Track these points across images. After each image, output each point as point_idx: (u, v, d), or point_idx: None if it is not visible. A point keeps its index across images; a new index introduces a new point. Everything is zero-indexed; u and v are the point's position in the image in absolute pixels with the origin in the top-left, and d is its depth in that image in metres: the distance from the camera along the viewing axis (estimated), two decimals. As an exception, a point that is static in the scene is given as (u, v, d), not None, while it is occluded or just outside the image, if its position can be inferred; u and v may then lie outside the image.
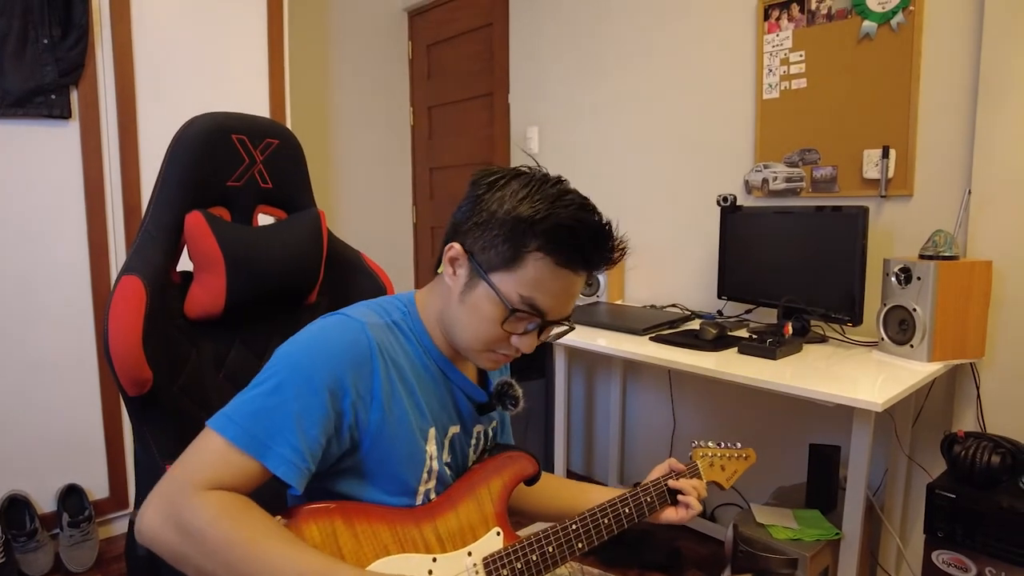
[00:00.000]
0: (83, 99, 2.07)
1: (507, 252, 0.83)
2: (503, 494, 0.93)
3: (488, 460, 0.95)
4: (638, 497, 1.01)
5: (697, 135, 2.30)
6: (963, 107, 1.70)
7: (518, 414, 1.00)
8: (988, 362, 1.66)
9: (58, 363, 2.12)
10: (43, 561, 2.04)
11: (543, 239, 0.82)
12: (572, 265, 0.83)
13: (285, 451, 0.75)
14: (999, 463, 1.45)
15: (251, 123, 1.12)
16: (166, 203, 1.04)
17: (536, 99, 2.86)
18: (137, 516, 0.73)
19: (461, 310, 0.87)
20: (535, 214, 0.81)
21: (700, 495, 1.06)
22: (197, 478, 0.73)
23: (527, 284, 0.83)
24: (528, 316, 0.85)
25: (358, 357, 0.82)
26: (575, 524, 0.95)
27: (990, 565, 1.44)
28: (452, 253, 0.87)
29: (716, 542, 2.28)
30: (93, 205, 2.13)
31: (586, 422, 2.83)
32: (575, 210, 0.83)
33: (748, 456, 1.18)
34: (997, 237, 1.63)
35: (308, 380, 0.78)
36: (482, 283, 0.85)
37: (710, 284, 2.24)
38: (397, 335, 0.88)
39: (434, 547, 0.85)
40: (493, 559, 0.88)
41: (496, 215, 0.84)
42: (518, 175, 0.86)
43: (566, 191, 0.85)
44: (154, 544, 0.73)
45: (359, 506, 0.83)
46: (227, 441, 0.75)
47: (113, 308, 0.93)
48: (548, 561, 0.91)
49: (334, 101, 3.33)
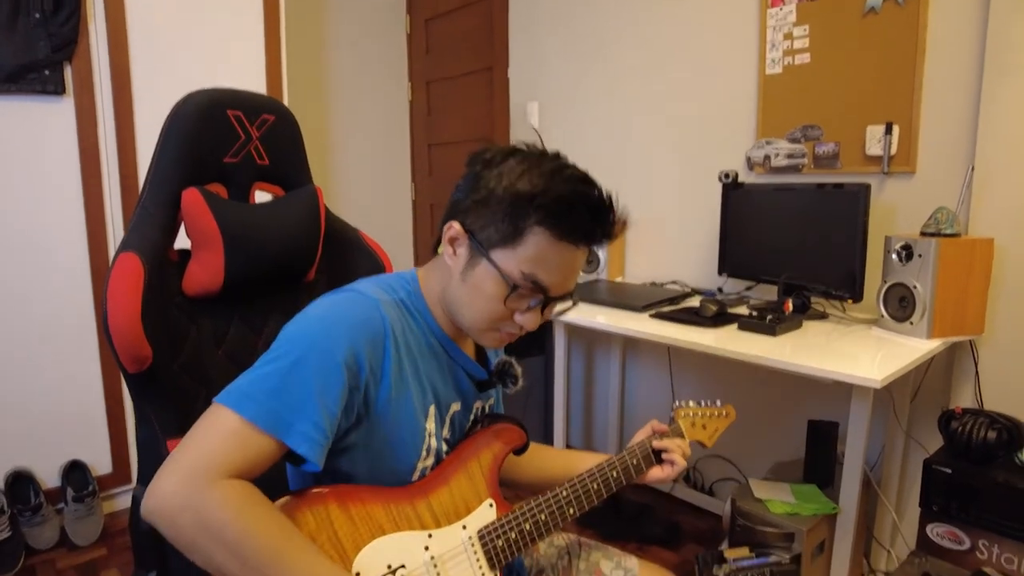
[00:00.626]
0: (77, 75, 2.05)
1: (507, 229, 0.82)
2: (494, 466, 0.93)
3: (478, 433, 0.96)
4: (624, 460, 1.03)
5: (699, 111, 2.28)
6: (968, 83, 1.68)
7: (518, 391, 1.01)
8: (987, 339, 1.66)
9: (58, 340, 2.12)
10: (49, 535, 2.07)
11: (543, 214, 0.81)
12: (573, 239, 0.83)
13: (307, 428, 0.75)
14: (995, 439, 1.46)
15: (247, 99, 1.11)
16: (163, 180, 1.03)
17: (536, 74, 2.83)
18: (147, 494, 0.71)
19: (463, 289, 0.87)
20: (534, 189, 0.81)
21: (684, 453, 1.07)
22: (219, 462, 0.71)
23: (528, 260, 0.83)
24: (530, 292, 0.85)
25: (373, 334, 0.82)
26: (565, 491, 0.96)
27: (983, 538, 1.45)
28: (452, 232, 0.87)
29: (714, 516, 2.30)
30: (89, 182, 2.11)
31: (585, 399, 2.84)
32: (574, 183, 0.82)
33: (728, 414, 1.19)
34: (999, 214, 1.62)
35: (328, 356, 0.77)
36: (483, 261, 0.84)
37: (711, 261, 2.23)
38: (404, 313, 0.89)
39: (429, 523, 0.86)
40: (487, 530, 0.90)
41: (495, 192, 0.83)
42: (515, 152, 0.86)
43: (564, 165, 0.84)
44: (167, 528, 0.71)
45: (352, 489, 0.83)
46: (244, 420, 0.73)
47: (111, 286, 0.93)
48: (541, 529, 0.93)
49: (331, 77, 3.30)
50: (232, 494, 0.71)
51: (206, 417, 0.75)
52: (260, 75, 2.40)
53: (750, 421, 2.24)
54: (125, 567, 1.99)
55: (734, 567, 1.45)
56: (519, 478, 1.11)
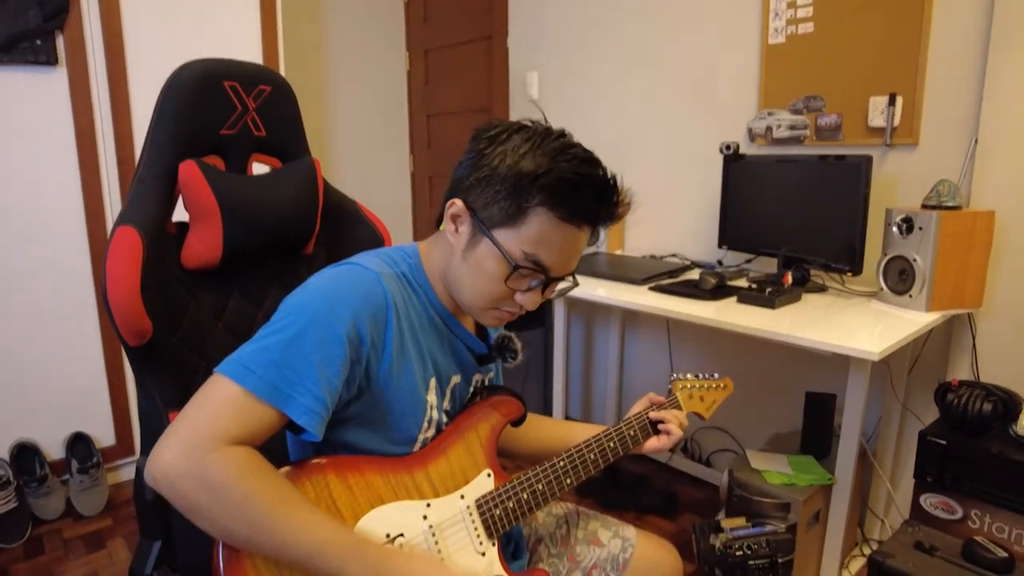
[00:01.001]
0: (69, 44, 2.02)
1: (509, 208, 0.82)
2: (492, 436, 0.94)
3: (476, 404, 0.96)
4: (621, 431, 1.04)
5: (701, 81, 2.25)
6: (974, 54, 1.66)
7: (517, 364, 1.02)
8: (985, 312, 1.66)
9: (58, 314, 2.13)
10: (55, 505, 2.10)
11: (546, 194, 0.81)
12: (576, 220, 0.83)
13: (307, 400, 0.75)
14: (991, 411, 1.47)
15: (243, 69, 1.09)
16: (159, 152, 1.02)
17: (536, 43, 2.79)
18: (150, 462, 0.71)
19: (464, 268, 0.87)
20: (538, 168, 0.80)
21: (681, 424, 1.08)
22: (218, 430, 0.72)
23: (530, 240, 0.82)
24: (532, 273, 0.85)
25: (375, 307, 0.82)
26: (562, 461, 0.97)
27: (976, 508, 1.48)
28: (454, 210, 0.87)
29: (711, 487, 2.33)
30: (85, 153, 2.10)
31: (585, 371, 2.86)
32: (578, 164, 0.82)
33: (726, 386, 1.20)
34: (1002, 187, 1.61)
35: (329, 329, 0.77)
36: (485, 240, 0.84)
37: (711, 234, 2.23)
38: (405, 287, 0.89)
39: (427, 493, 0.87)
40: (485, 500, 0.91)
41: (498, 170, 0.83)
42: (520, 129, 0.85)
43: (570, 144, 0.83)
44: (171, 493, 0.72)
45: (351, 459, 0.84)
46: (245, 391, 0.74)
47: (110, 260, 0.92)
48: (539, 498, 0.94)
49: (328, 46, 3.25)
50: (234, 459, 0.72)
51: (207, 387, 0.75)
52: (256, 45, 2.36)
53: (748, 393, 2.26)
54: (131, 536, 2.03)
55: (731, 536, 1.47)
56: (517, 449, 1.13)
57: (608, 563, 1.10)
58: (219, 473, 0.71)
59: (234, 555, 0.74)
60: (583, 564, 1.10)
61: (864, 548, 1.89)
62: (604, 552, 1.11)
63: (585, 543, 1.13)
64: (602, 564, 1.10)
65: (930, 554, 1.40)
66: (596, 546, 1.12)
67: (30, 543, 2.00)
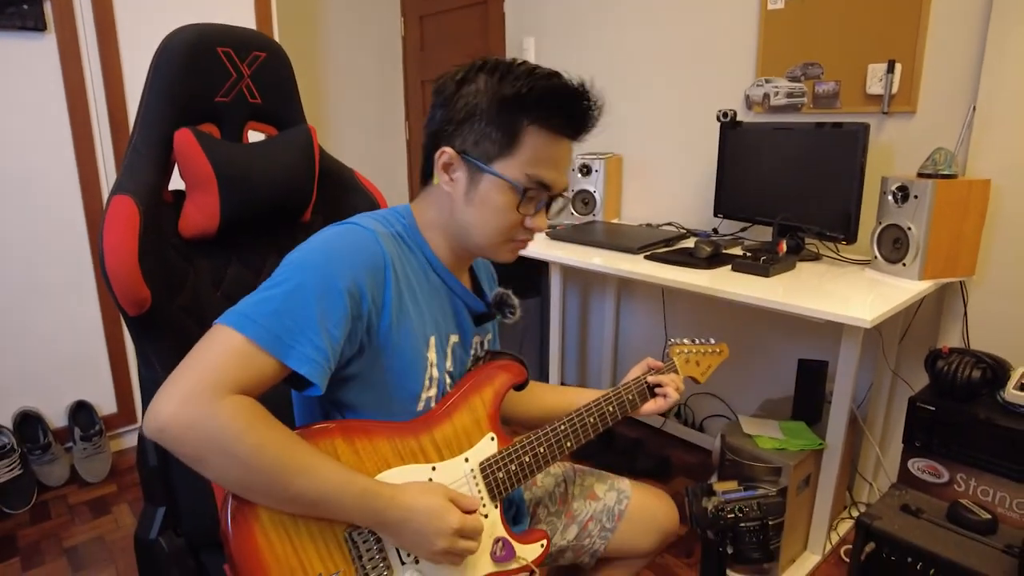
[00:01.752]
0: (57, 9, 1.98)
1: (502, 137, 0.85)
2: (495, 400, 0.96)
3: (480, 368, 0.98)
4: (620, 395, 1.06)
5: (699, 48, 2.22)
6: (975, 19, 1.64)
7: (515, 328, 1.03)
8: (978, 280, 1.68)
9: (57, 283, 2.13)
10: (59, 472, 2.13)
11: (534, 111, 0.84)
12: (564, 130, 0.87)
13: (308, 350, 0.76)
14: (979, 377, 1.50)
15: (237, 35, 1.08)
16: (153, 120, 1.02)
17: (533, 9, 2.74)
18: (152, 414, 0.70)
19: (469, 210, 0.88)
20: (519, 90, 0.83)
21: (678, 388, 1.11)
22: (223, 378, 0.72)
23: (530, 161, 0.86)
24: (538, 193, 0.88)
25: (374, 264, 0.83)
26: (563, 425, 1.00)
27: (961, 472, 1.51)
28: (445, 158, 0.88)
29: (704, 451, 2.38)
30: (78, 121, 2.07)
31: (580, 339, 2.88)
32: (552, 78, 0.85)
33: (722, 351, 1.22)
34: (998, 155, 1.61)
35: (329, 281, 0.78)
36: (485, 176, 0.86)
37: (707, 202, 2.23)
38: (402, 245, 0.90)
39: (432, 456, 0.89)
40: (489, 463, 0.93)
41: (479, 106, 0.85)
42: (481, 66, 0.87)
43: (534, 66, 0.87)
44: (175, 443, 0.71)
45: (358, 423, 0.85)
46: (247, 339, 0.73)
47: (107, 229, 0.92)
48: (540, 461, 0.96)
49: (322, 12, 3.19)
50: (241, 407, 0.72)
51: (207, 338, 0.75)
52: (249, 10, 2.32)
53: (742, 360, 2.28)
54: (135, 503, 2.06)
55: (722, 499, 1.50)
56: (517, 415, 1.14)
57: (604, 515, 1.13)
58: (229, 421, 0.70)
59: (241, 512, 0.76)
60: (579, 518, 1.13)
61: (852, 511, 1.94)
62: (600, 505, 1.14)
63: (582, 498, 1.15)
64: (598, 516, 1.13)
65: (916, 516, 1.44)
66: (592, 500, 1.15)
67: (36, 509, 2.03)
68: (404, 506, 0.80)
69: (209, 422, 0.70)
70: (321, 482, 0.75)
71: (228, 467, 0.72)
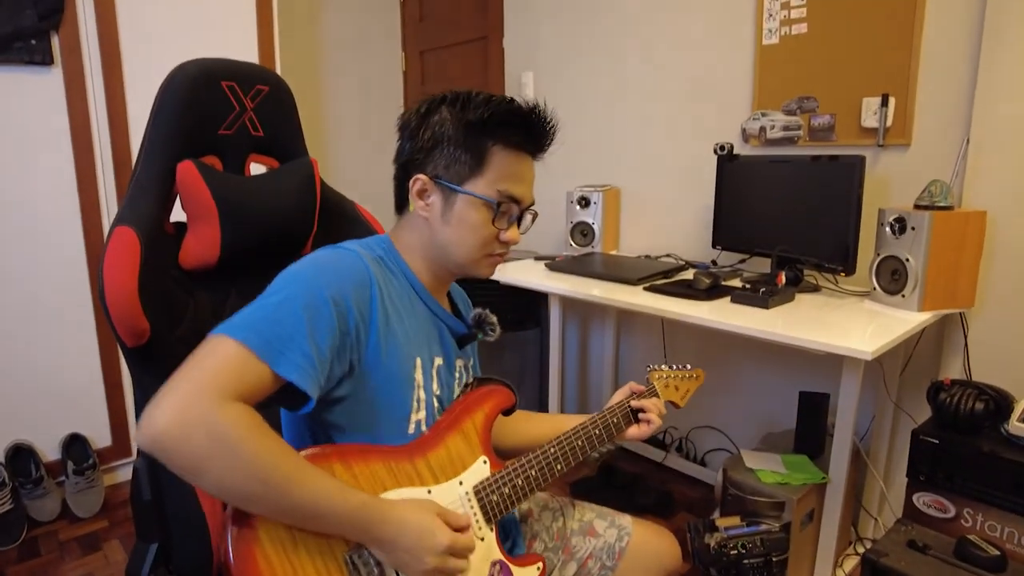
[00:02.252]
0: (64, 44, 2.02)
1: (470, 159, 0.92)
2: (486, 424, 0.98)
3: (469, 393, 1.00)
4: (605, 419, 1.10)
5: (695, 82, 2.26)
6: (966, 54, 1.67)
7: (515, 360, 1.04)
8: (977, 311, 1.68)
9: (55, 314, 2.12)
10: (50, 507, 2.09)
11: (498, 132, 0.91)
12: (526, 147, 0.94)
13: (296, 357, 0.77)
14: (982, 410, 1.49)
15: (241, 69, 1.09)
16: (156, 153, 1.03)
17: (531, 44, 2.80)
18: (147, 423, 0.69)
19: (447, 230, 0.94)
20: (483, 115, 0.91)
21: (660, 412, 1.14)
22: (220, 384, 0.72)
23: (498, 178, 0.92)
24: (509, 207, 0.95)
25: (360, 280, 0.86)
26: (552, 448, 1.02)
27: (968, 507, 1.49)
28: (419, 185, 0.93)
29: (706, 486, 2.34)
30: (81, 153, 2.09)
31: (580, 371, 2.87)
32: (510, 102, 0.93)
33: (698, 376, 1.26)
34: (993, 187, 1.63)
35: (316, 293, 0.81)
36: (459, 196, 0.92)
37: (705, 234, 2.24)
38: (384, 269, 0.93)
39: (428, 479, 0.89)
40: (483, 486, 0.94)
41: (446, 134, 0.92)
42: (441, 99, 0.95)
43: (490, 94, 0.94)
44: (173, 451, 0.69)
45: (354, 447, 0.86)
46: (241, 345, 0.74)
47: (107, 260, 0.92)
48: (532, 484, 0.98)
49: (324, 46, 3.25)
50: (242, 413, 0.72)
51: (202, 348, 0.76)
52: (252, 44, 2.36)
53: (742, 392, 2.27)
54: (127, 538, 2.02)
55: (725, 535, 1.48)
56: (507, 442, 1.14)
57: (604, 552, 1.11)
58: (229, 427, 0.70)
59: (243, 539, 0.75)
60: (578, 555, 1.11)
61: (858, 547, 1.90)
62: (600, 542, 1.12)
63: (581, 534, 1.14)
64: (597, 554, 1.11)
65: (923, 552, 1.41)
66: (592, 536, 1.13)
67: (25, 545, 1.99)
68: (396, 521, 0.80)
69: (210, 427, 0.70)
70: (320, 492, 0.75)
71: (226, 475, 0.71)
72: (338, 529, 0.78)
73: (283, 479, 0.73)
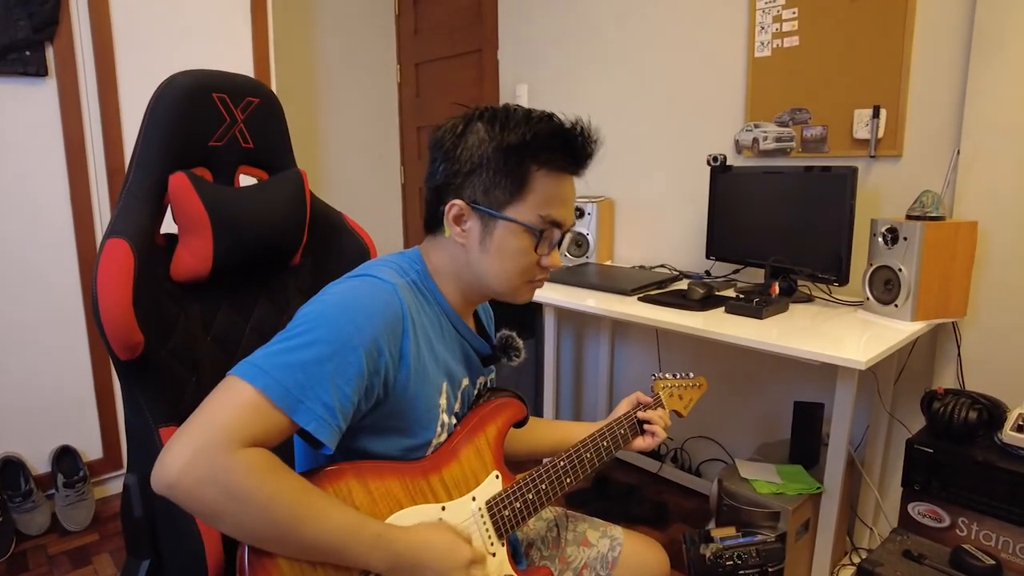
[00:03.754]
0: (59, 56, 2.02)
1: (511, 184, 0.86)
2: (498, 439, 0.97)
3: (482, 406, 0.99)
4: (613, 430, 1.10)
5: (688, 94, 2.27)
6: (955, 67, 1.69)
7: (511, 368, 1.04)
8: (969, 321, 1.68)
9: (46, 326, 2.11)
10: (40, 521, 2.07)
11: (541, 155, 0.86)
12: (569, 168, 0.89)
13: (316, 407, 0.75)
14: (976, 419, 1.49)
15: (232, 81, 1.09)
16: (148, 164, 1.02)
17: (526, 56, 2.81)
18: (161, 469, 0.69)
19: (486, 258, 0.89)
20: (524, 136, 0.85)
21: (665, 424, 1.14)
22: (234, 432, 0.71)
23: (541, 203, 0.88)
24: (551, 232, 0.90)
25: (392, 319, 0.83)
26: (562, 461, 1.01)
27: (963, 516, 1.49)
28: (455, 211, 0.89)
29: (701, 496, 2.34)
30: (75, 165, 2.09)
31: (575, 381, 2.86)
32: (550, 121, 0.88)
33: (701, 385, 1.26)
34: (983, 198, 1.64)
35: (346, 339, 0.77)
36: (500, 223, 0.88)
37: (699, 245, 2.24)
38: (417, 295, 0.90)
39: (442, 496, 0.89)
40: (495, 501, 0.93)
41: (486, 156, 0.86)
42: (475, 116, 0.89)
43: (527, 110, 0.89)
44: (187, 499, 0.70)
45: (370, 465, 0.85)
46: (258, 391, 0.73)
47: (101, 273, 0.92)
48: (543, 498, 0.97)
49: (319, 58, 3.26)
50: (255, 460, 0.71)
51: (220, 389, 0.75)
52: (247, 56, 2.37)
53: (737, 403, 2.26)
54: (117, 552, 2.00)
55: (721, 546, 1.47)
56: (516, 451, 1.15)
57: (598, 562, 1.12)
58: (242, 476, 0.70)
59: (258, 560, 0.75)
60: (574, 565, 1.12)
61: (853, 557, 1.90)
62: (593, 552, 1.13)
63: (575, 544, 1.14)
64: (592, 563, 1.12)
65: (919, 562, 1.41)
66: (585, 547, 1.14)
67: (14, 559, 1.97)
68: (417, 546, 0.80)
69: (222, 476, 0.69)
70: (334, 530, 0.75)
71: (243, 521, 0.71)
72: (360, 563, 0.77)
73: (296, 521, 0.72)
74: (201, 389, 1.03)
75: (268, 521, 0.71)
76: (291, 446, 0.96)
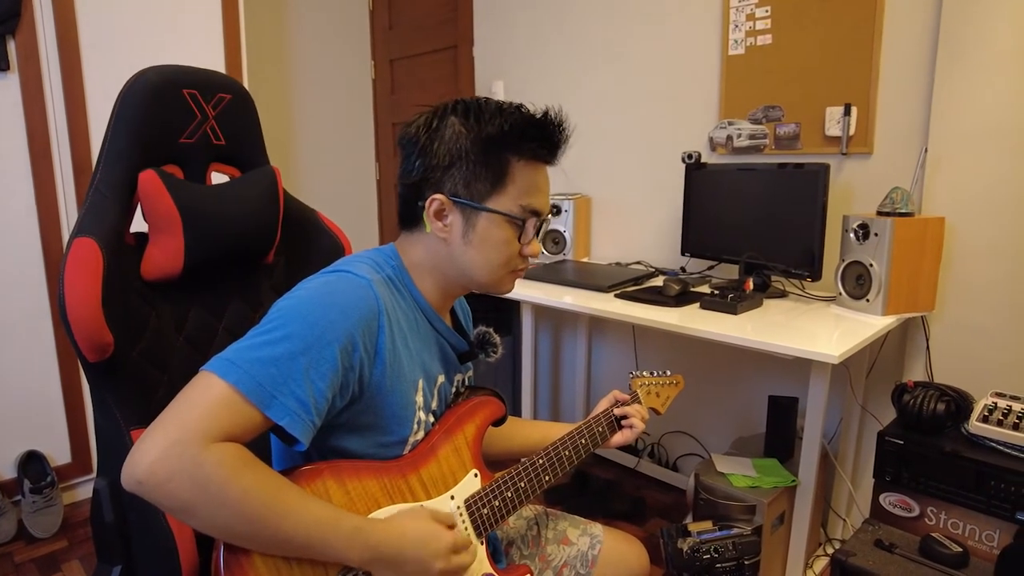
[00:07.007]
0: (21, 49, 1.96)
1: (491, 176, 0.87)
2: (477, 437, 0.97)
3: (461, 404, 0.98)
4: (591, 428, 1.10)
5: (663, 92, 2.29)
6: (923, 67, 1.72)
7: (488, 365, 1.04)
8: (938, 315, 1.72)
9: (11, 328, 2.05)
10: (5, 528, 2.02)
11: (519, 145, 0.87)
12: (546, 157, 0.91)
13: (290, 402, 0.74)
14: (944, 411, 1.52)
15: (202, 77, 1.07)
16: (116, 161, 1.00)
17: (501, 53, 2.80)
18: (133, 464, 0.68)
19: (469, 251, 0.90)
20: (501, 127, 0.86)
21: (643, 418, 1.15)
22: (207, 427, 0.70)
23: (521, 192, 0.89)
24: (531, 221, 0.91)
25: (367, 315, 0.82)
26: (541, 459, 1.01)
27: (932, 505, 1.52)
28: (436, 205, 0.88)
29: (678, 491, 2.36)
30: (39, 162, 2.03)
31: (553, 378, 2.87)
32: (522, 111, 0.89)
33: (678, 382, 1.27)
34: (950, 194, 1.67)
35: (320, 335, 0.76)
36: (482, 215, 0.88)
37: (674, 241, 2.26)
38: (392, 290, 0.89)
39: (420, 495, 0.89)
40: (474, 499, 0.93)
41: (464, 149, 0.87)
42: (451, 110, 0.89)
43: (498, 102, 0.90)
44: (159, 494, 0.69)
45: (347, 464, 0.84)
46: (230, 386, 0.72)
47: (68, 273, 0.89)
48: (521, 496, 0.97)
49: (292, 54, 3.21)
50: (227, 454, 0.70)
51: (192, 384, 0.74)
52: (219, 52, 2.32)
53: (713, 397, 2.29)
54: (87, 559, 1.96)
55: (698, 540, 1.49)
56: (495, 450, 1.14)
57: (578, 560, 1.12)
58: (215, 470, 0.69)
59: (235, 560, 0.73)
60: (554, 563, 1.12)
61: (827, 548, 1.93)
62: (573, 550, 1.14)
63: (555, 543, 1.14)
64: (572, 562, 1.12)
65: (889, 551, 1.43)
66: (565, 545, 1.14)
67: (-21, 567, 1.92)
68: (396, 536, 0.79)
69: (194, 471, 0.68)
70: (311, 523, 0.74)
71: (216, 516, 0.70)
72: (337, 557, 0.76)
73: (270, 515, 0.71)
74: (173, 390, 1.00)
75: (242, 516, 0.70)
76: (268, 447, 0.95)
